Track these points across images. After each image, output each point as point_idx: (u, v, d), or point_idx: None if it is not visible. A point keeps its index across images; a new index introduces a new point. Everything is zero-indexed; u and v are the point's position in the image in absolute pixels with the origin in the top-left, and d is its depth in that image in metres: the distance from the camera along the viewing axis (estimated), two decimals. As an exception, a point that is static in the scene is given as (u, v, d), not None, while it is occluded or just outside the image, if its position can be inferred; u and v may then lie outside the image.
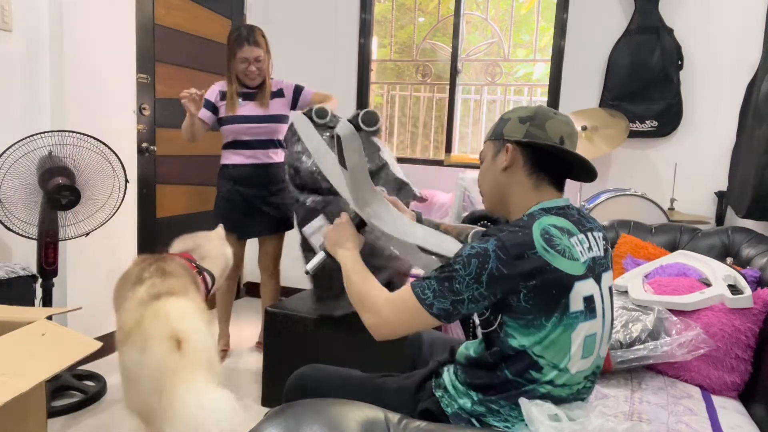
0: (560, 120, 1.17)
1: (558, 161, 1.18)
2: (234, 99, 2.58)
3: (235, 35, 2.54)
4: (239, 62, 2.53)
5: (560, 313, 1.06)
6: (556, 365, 1.07)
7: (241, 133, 2.61)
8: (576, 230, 1.12)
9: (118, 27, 2.73)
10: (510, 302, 1.06)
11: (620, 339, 1.59)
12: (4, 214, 2.09)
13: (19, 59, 2.37)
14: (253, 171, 2.64)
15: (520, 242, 1.05)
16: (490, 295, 1.05)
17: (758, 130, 2.42)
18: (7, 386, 1.06)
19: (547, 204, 1.15)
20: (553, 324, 1.05)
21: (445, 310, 1.07)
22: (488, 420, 1.14)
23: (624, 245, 2.09)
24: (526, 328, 1.06)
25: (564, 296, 1.06)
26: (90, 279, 2.68)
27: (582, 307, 1.08)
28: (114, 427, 2.15)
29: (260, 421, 1.04)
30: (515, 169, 1.18)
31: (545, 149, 1.15)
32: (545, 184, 1.18)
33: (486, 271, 1.03)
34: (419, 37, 3.73)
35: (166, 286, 1.61)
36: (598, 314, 1.12)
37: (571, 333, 1.07)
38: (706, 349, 1.54)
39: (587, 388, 1.17)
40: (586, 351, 1.10)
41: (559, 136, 1.15)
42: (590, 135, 2.86)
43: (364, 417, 1.07)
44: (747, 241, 1.99)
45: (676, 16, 2.99)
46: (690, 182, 3.03)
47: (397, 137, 3.96)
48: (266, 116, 2.62)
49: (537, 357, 1.07)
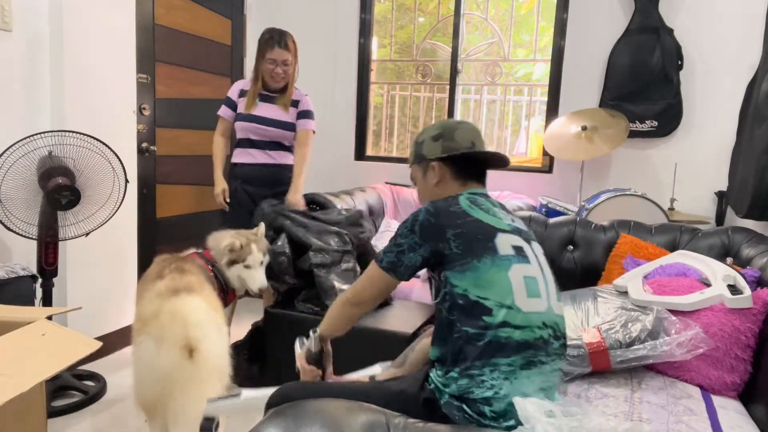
0: (465, 128, 1.42)
1: (475, 161, 1.42)
2: (254, 98, 2.62)
3: (267, 36, 2.58)
4: (267, 62, 2.57)
5: (490, 256, 1.22)
6: (503, 303, 1.19)
7: (252, 132, 2.63)
8: (498, 205, 1.37)
9: (118, 27, 2.73)
10: (444, 252, 1.24)
11: (619, 339, 1.59)
12: (4, 214, 2.09)
13: (19, 59, 2.37)
14: (259, 171, 2.65)
15: (446, 203, 1.30)
16: (424, 243, 1.26)
17: (758, 130, 2.43)
18: (7, 386, 1.06)
19: (472, 191, 1.39)
20: (485, 264, 1.21)
21: (391, 262, 1.30)
22: (475, 393, 1.17)
23: (624, 245, 2.09)
24: (462, 273, 1.22)
25: (490, 241, 1.24)
26: (90, 279, 2.68)
27: (512, 252, 1.25)
28: (114, 427, 2.15)
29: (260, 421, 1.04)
30: (444, 179, 1.41)
31: (463, 156, 1.39)
32: (470, 181, 1.42)
33: (418, 223, 1.27)
34: (419, 37, 3.73)
35: (184, 282, 1.67)
36: (532, 261, 1.27)
37: (507, 272, 1.22)
38: (705, 348, 1.54)
39: (555, 345, 1.24)
40: (530, 291, 1.23)
41: (470, 141, 1.39)
42: (590, 135, 2.86)
43: (365, 417, 1.07)
44: (747, 241, 1.99)
45: (676, 16, 2.99)
46: (690, 182, 3.03)
47: (397, 137, 3.96)
48: (278, 121, 2.63)
49: (482, 299, 1.19)
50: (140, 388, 1.55)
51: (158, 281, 1.69)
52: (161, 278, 1.70)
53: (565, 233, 2.22)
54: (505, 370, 1.17)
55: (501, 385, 1.16)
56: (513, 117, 4.05)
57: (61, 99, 2.49)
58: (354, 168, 3.71)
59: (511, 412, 1.15)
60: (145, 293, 1.69)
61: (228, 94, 2.69)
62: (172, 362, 1.47)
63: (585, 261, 2.16)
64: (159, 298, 1.60)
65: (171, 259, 1.87)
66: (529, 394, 1.17)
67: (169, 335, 1.50)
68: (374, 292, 1.36)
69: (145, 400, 1.54)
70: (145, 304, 1.62)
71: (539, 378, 1.20)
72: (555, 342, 1.25)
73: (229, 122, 2.70)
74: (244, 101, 2.65)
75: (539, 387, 1.20)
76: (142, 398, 1.55)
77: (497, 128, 3.95)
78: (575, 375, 1.60)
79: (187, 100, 3.31)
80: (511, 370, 1.17)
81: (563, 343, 1.28)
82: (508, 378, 1.16)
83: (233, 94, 2.69)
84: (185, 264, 1.84)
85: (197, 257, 2.03)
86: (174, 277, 1.70)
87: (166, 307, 1.56)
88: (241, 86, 2.70)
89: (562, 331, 1.29)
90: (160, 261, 1.89)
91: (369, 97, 3.74)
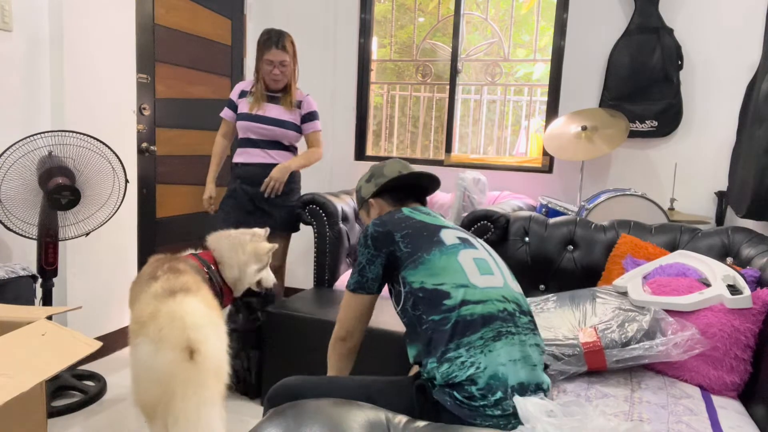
0: (392, 162, 1.58)
1: (406, 186, 1.58)
2: (257, 98, 2.63)
3: (265, 37, 2.59)
4: (265, 63, 2.58)
5: (438, 248, 1.32)
6: (458, 283, 1.27)
7: (252, 131, 2.64)
8: (439, 216, 1.48)
9: (118, 27, 2.73)
10: (396, 254, 1.34)
11: (615, 338, 1.60)
12: (4, 214, 2.09)
13: (19, 59, 2.37)
14: (259, 170, 2.65)
15: (390, 214, 1.42)
16: (378, 254, 1.36)
17: (758, 130, 2.43)
18: (7, 386, 1.06)
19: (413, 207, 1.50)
20: (435, 255, 1.31)
21: (356, 282, 1.40)
22: (459, 376, 1.19)
23: (624, 245, 2.09)
24: (415, 268, 1.31)
25: (435, 235, 1.35)
26: (90, 279, 2.68)
27: (458, 241, 1.35)
28: (114, 428, 2.15)
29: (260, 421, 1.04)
30: (384, 209, 1.55)
31: (392, 184, 1.55)
32: (407, 203, 1.56)
33: (369, 236, 1.38)
34: (419, 37, 3.73)
35: (180, 283, 1.65)
36: (479, 248, 1.37)
37: (456, 257, 1.31)
38: (700, 348, 1.54)
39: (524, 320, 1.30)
40: (482, 269, 1.31)
41: (397, 171, 1.56)
42: (590, 135, 2.86)
43: (365, 417, 1.07)
44: (747, 241, 1.99)
45: (676, 16, 2.99)
46: (690, 182, 3.03)
47: (397, 137, 3.96)
48: (280, 120, 2.64)
49: (438, 286, 1.27)
50: (139, 390, 1.54)
51: (153, 282, 1.67)
52: (155, 279, 1.68)
53: (565, 233, 2.22)
54: (478, 345, 1.21)
55: (479, 360, 1.20)
56: (513, 117, 4.05)
57: (61, 99, 2.49)
58: (354, 168, 3.71)
59: (496, 385, 1.18)
60: (141, 295, 1.67)
61: (230, 96, 2.73)
62: (172, 364, 1.46)
63: (585, 261, 2.16)
64: (156, 300, 1.59)
65: (164, 259, 1.85)
66: (505, 364, 1.21)
67: (168, 337, 1.49)
68: (355, 316, 1.43)
69: (144, 402, 1.54)
70: (142, 306, 1.61)
71: (512, 348, 1.23)
72: (522, 317, 1.31)
73: (231, 123, 2.73)
74: (244, 101, 2.66)
75: (514, 357, 1.23)
76: (141, 400, 1.55)
77: (497, 128, 3.96)
78: (571, 374, 1.60)
79: (187, 100, 3.31)
80: (483, 343, 1.22)
81: (531, 320, 1.34)
82: (482, 352, 1.21)
83: (234, 95, 2.72)
84: (179, 264, 1.82)
85: (193, 258, 2.02)
86: (169, 278, 1.68)
87: (163, 308, 1.55)
88: (242, 87, 2.72)
89: (527, 308, 1.35)
90: (153, 261, 1.87)
91: (369, 97, 3.74)
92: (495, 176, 3.36)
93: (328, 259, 2.74)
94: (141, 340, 1.52)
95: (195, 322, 1.53)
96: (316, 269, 2.77)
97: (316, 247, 2.76)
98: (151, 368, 1.48)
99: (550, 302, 1.84)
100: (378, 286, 1.40)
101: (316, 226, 2.75)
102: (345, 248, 2.82)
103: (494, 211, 2.33)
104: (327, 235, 2.73)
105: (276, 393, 1.34)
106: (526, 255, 2.24)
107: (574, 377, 1.62)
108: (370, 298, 1.42)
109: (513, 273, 1.45)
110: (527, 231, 2.26)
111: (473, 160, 3.52)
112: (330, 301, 2.44)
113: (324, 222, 2.72)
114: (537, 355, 1.29)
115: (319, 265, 2.76)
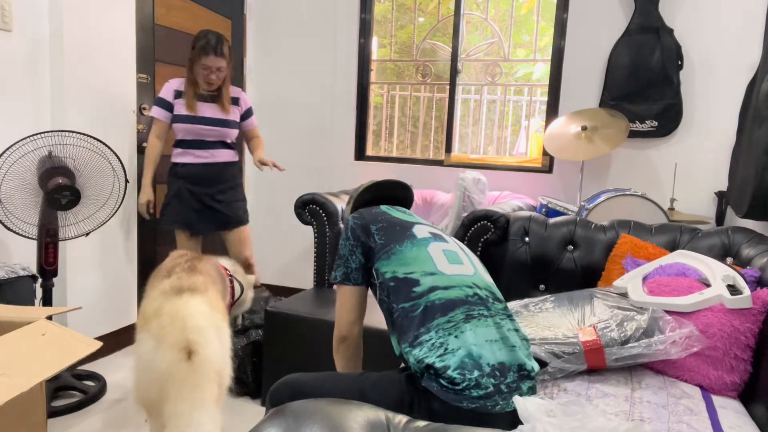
0: (368, 182, 1.65)
1: (380, 197, 1.66)
2: (193, 100, 2.62)
3: (202, 42, 2.55)
4: (202, 68, 2.57)
5: (410, 240, 1.38)
6: (426, 271, 1.32)
7: (195, 133, 2.64)
8: (416, 216, 1.53)
9: (118, 27, 2.73)
10: (370, 245, 1.41)
11: (615, 337, 1.60)
12: (4, 214, 2.09)
13: (19, 59, 2.37)
14: (202, 170, 2.67)
15: (369, 209, 1.51)
16: (357, 244, 1.43)
17: (758, 130, 2.43)
18: (7, 386, 1.06)
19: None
20: (406, 247, 1.37)
21: (342, 273, 1.45)
22: (427, 356, 1.21)
23: (624, 245, 2.09)
24: (387, 259, 1.37)
25: (408, 230, 1.42)
26: (90, 279, 2.68)
27: (429, 235, 1.42)
28: (114, 427, 2.15)
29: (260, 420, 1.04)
30: None
31: (364, 198, 1.63)
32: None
33: (349, 229, 1.46)
34: (419, 37, 3.73)
35: (189, 282, 1.67)
36: (450, 242, 1.43)
37: (426, 248, 1.37)
38: (699, 346, 1.55)
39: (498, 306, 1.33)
40: (451, 259, 1.37)
41: (370, 183, 1.64)
42: (590, 135, 2.86)
43: (365, 417, 1.07)
44: (747, 241, 1.99)
45: (676, 16, 2.99)
46: (690, 182, 3.03)
47: (397, 137, 3.96)
48: (223, 120, 2.68)
49: (408, 275, 1.32)
50: (140, 386, 1.55)
51: (165, 279, 1.70)
52: (169, 275, 1.71)
53: (565, 233, 2.22)
54: (447, 327, 1.23)
55: (448, 341, 1.22)
56: (513, 117, 4.05)
57: (61, 99, 2.49)
58: (354, 168, 3.71)
59: (471, 364, 1.19)
60: (152, 290, 1.69)
61: (161, 95, 2.64)
62: (170, 363, 1.46)
63: (585, 261, 2.16)
64: (162, 296, 1.61)
65: (186, 256, 1.88)
66: (479, 344, 1.22)
67: (168, 336, 1.49)
68: (349, 309, 1.46)
69: (144, 398, 1.54)
70: (149, 301, 1.63)
71: (485, 330, 1.25)
72: (497, 303, 1.34)
73: (166, 124, 2.66)
74: (181, 102, 2.62)
75: (489, 338, 1.24)
76: (141, 396, 1.55)
77: (497, 128, 3.96)
78: (570, 372, 1.61)
79: (187, 100, 3.31)
80: (452, 325, 1.24)
81: (506, 308, 1.37)
82: (451, 333, 1.23)
83: (167, 95, 2.64)
84: (199, 263, 1.84)
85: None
86: (181, 276, 1.70)
87: (167, 307, 1.56)
88: (175, 87, 2.65)
89: (500, 297, 1.38)
90: (175, 256, 1.90)
91: (369, 97, 3.74)
92: (495, 176, 3.36)
93: (328, 259, 2.75)
94: (143, 336, 1.53)
95: (196, 324, 1.53)
96: (316, 269, 2.78)
97: (316, 247, 2.76)
98: (151, 365, 1.48)
99: (548, 303, 1.84)
100: (362, 276, 1.44)
101: (316, 226, 2.75)
102: (345, 248, 2.82)
103: (494, 211, 2.33)
104: (327, 235, 2.73)
105: (278, 389, 1.35)
106: (526, 255, 2.24)
107: (575, 377, 1.62)
108: (359, 290, 1.46)
109: (513, 273, 1.47)
110: (527, 231, 2.26)
111: (473, 160, 3.52)
112: (330, 301, 2.44)
113: (324, 222, 2.73)
114: (517, 339, 1.30)
115: (319, 265, 2.77)
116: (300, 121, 3.80)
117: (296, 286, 3.86)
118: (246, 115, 2.81)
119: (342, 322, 1.46)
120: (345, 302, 1.46)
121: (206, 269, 1.84)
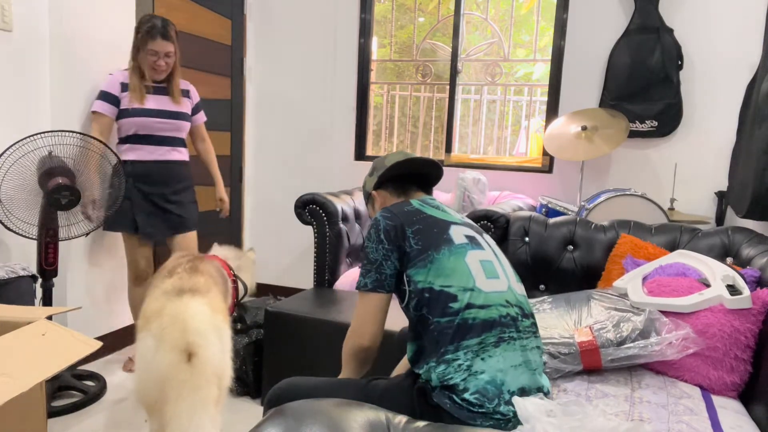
0: (392, 154, 1.51)
1: (408, 173, 1.51)
2: (141, 90, 2.45)
3: (147, 26, 2.40)
4: (149, 54, 2.41)
5: (447, 246, 1.29)
6: (465, 287, 1.25)
7: (146, 127, 2.46)
8: (447, 209, 1.43)
9: (118, 27, 2.73)
10: (406, 250, 1.30)
11: (611, 338, 1.61)
12: (4, 214, 2.09)
13: (19, 59, 2.37)
14: (155, 168, 2.51)
15: (399, 205, 1.37)
16: (393, 248, 1.31)
17: (758, 130, 2.42)
18: (7, 386, 1.06)
19: (420, 198, 1.45)
20: (444, 255, 1.27)
21: (375, 280, 1.31)
22: (454, 378, 1.19)
23: (624, 245, 2.09)
24: (424, 267, 1.27)
25: (445, 233, 1.31)
26: (90, 279, 2.68)
27: (466, 241, 1.32)
28: (114, 427, 2.15)
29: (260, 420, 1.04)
30: (387, 200, 1.49)
31: (392, 173, 1.49)
32: (411, 191, 1.50)
33: (381, 231, 1.32)
34: (419, 37, 3.73)
35: (191, 283, 1.66)
36: (485, 248, 1.35)
37: (464, 258, 1.28)
38: (695, 348, 1.55)
39: (526, 323, 1.29)
40: (488, 272, 1.29)
41: (397, 160, 1.47)
42: (590, 135, 2.86)
43: (365, 417, 1.07)
44: (747, 241, 1.99)
45: (676, 16, 2.99)
46: (690, 182, 3.03)
47: (397, 137, 3.96)
48: (176, 112, 2.53)
49: (446, 288, 1.25)
50: (140, 386, 1.55)
51: (167, 278, 1.69)
52: (171, 275, 1.70)
53: (565, 233, 2.22)
54: (476, 349, 1.20)
55: (474, 363, 1.19)
56: (513, 117, 4.05)
57: (61, 99, 2.49)
58: (354, 168, 3.71)
59: (492, 391, 1.18)
60: (154, 290, 1.69)
61: (105, 89, 2.45)
62: (169, 364, 1.47)
63: (585, 261, 2.16)
64: (164, 297, 1.60)
65: (188, 257, 1.87)
66: (505, 370, 1.20)
67: (168, 337, 1.49)
68: (375, 318, 1.33)
69: (144, 398, 1.55)
70: (151, 301, 1.62)
71: (513, 354, 1.23)
72: (525, 320, 1.30)
73: (110, 119, 2.46)
74: (127, 95, 2.45)
75: (515, 363, 1.22)
76: (142, 395, 1.56)
77: (497, 128, 3.96)
78: (566, 372, 1.61)
79: (187, 100, 3.31)
80: (482, 347, 1.21)
81: (533, 322, 1.33)
82: (479, 355, 1.20)
83: (113, 88, 2.45)
84: (201, 263, 1.83)
85: (220, 261, 2.05)
86: (182, 277, 1.69)
87: (168, 307, 1.56)
88: (121, 79, 2.47)
89: (529, 310, 1.34)
90: (178, 257, 1.89)
91: (369, 97, 3.74)
92: (495, 176, 3.36)
93: (328, 259, 2.75)
94: (144, 335, 1.53)
95: (196, 326, 1.53)
96: (316, 269, 2.78)
97: (316, 247, 2.76)
98: (151, 365, 1.49)
99: (546, 304, 1.84)
100: (395, 282, 1.33)
101: (316, 226, 2.75)
102: (345, 248, 2.82)
103: (494, 211, 2.33)
104: (327, 235, 2.73)
105: (276, 393, 1.34)
106: (526, 255, 2.24)
107: (574, 377, 1.62)
108: (388, 298, 1.34)
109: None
110: (527, 231, 2.26)
111: (473, 160, 3.52)
112: (330, 301, 2.44)
113: (324, 222, 2.73)
114: (537, 357, 1.29)
115: (319, 265, 2.77)
116: (300, 121, 3.80)
117: (296, 286, 3.86)
118: (196, 110, 2.66)
119: (366, 332, 1.34)
120: (372, 310, 1.33)
121: (208, 270, 1.83)
